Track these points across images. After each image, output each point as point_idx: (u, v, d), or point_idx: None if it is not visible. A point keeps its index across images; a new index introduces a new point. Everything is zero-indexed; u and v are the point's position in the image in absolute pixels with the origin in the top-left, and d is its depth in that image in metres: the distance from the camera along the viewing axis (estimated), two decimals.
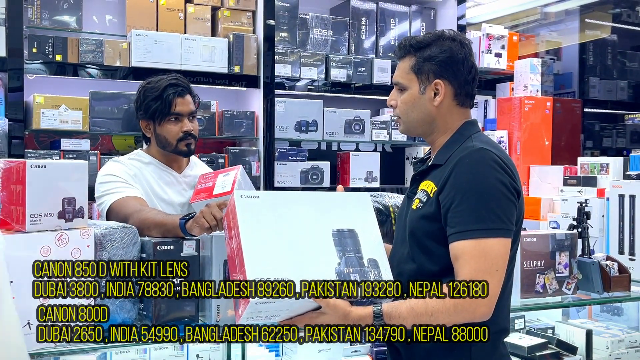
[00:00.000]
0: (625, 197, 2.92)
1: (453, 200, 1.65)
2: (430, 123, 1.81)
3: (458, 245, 1.62)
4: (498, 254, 1.62)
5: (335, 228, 1.66)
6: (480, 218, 1.61)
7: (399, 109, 1.83)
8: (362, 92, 4.12)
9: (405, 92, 1.80)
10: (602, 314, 3.03)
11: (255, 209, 1.62)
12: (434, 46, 1.78)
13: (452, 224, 1.64)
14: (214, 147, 3.88)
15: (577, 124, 4.85)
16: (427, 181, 1.77)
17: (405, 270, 1.75)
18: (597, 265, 2.43)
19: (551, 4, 5.26)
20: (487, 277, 1.59)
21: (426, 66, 1.77)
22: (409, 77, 1.80)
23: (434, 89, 1.78)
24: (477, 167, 1.66)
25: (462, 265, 1.60)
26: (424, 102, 1.79)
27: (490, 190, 1.64)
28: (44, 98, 3.22)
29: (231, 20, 3.73)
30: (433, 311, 1.58)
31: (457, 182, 1.66)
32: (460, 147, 1.74)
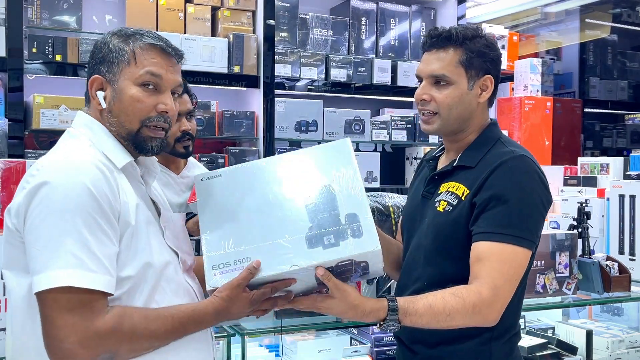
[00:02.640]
0: (626, 197, 2.92)
1: (488, 203, 1.59)
2: (467, 120, 1.72)
3: (484, 246, 1.57)
4: (520, 264, 1.58)
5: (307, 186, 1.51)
6: (512, 224, 1.57)
7: (440, 104, 1.68)
8: (362, 92, 4.12)
9: (449, 86, 1.67)
10: (602, 314, 3.03)
11: (215, 190, 1.54)
12: (480, 40, 1.70)
13: (482, 224, 1.59)
14: (214, 147, 3.88)
15: (578, 124, 4.85)
16: (453, 182, 1.70)
17: (424, 275, 1.69)
18: (597, 266, 2.42)
19: (551, 4, 5.26)
20: (506, 283, 1.55)
21: (477, 61, 1.68)
22: (457, 70, 1.67)
23: (482, 85, 1.70)
24: (518, 175, 1.61)
25: (485, 266, 1.55)
26: (469, 99, 1.70)
27: (527, 201, 1.59)
28: (43, 98, 3.22)
29: (231, 20, 3.73)
30: (451, 311, 1.51)
31: (495, 186, 1.60)
32: (494, 150, 1.68)
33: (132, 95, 1.43)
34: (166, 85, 1.46)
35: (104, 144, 1.45)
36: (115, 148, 1.45)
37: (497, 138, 1.73)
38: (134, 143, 1.46)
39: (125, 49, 1.45)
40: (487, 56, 1.70)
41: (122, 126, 1.45)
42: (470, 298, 1.52)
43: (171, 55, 1.48)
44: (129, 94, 1.43)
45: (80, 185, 1.30)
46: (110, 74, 1.45)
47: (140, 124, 1.45)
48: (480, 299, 1.52)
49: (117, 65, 1.44)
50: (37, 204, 1.29)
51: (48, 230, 1.28)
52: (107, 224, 1.33)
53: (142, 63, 1.44)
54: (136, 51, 1.45)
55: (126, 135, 1.46)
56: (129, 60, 1.44)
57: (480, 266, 1.56)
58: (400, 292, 1.75)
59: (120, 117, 1.45)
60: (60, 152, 1.43)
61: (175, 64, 1.50)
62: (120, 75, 1.44)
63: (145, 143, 1.47)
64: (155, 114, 1.45)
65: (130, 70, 1.44)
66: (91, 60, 1.48)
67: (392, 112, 4.27)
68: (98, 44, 1.49)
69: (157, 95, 1.46)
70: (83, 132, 1.46)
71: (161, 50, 1.47)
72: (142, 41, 1.46)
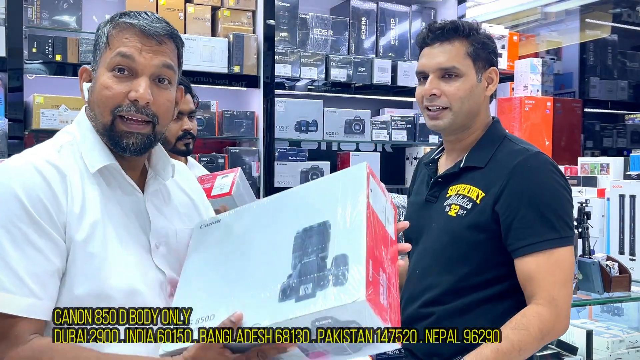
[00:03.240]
0: (626, 197, 2.92)
1: (518, 211, 1.52)
2: (475, 116, 1.66)
3: (530, 261, 1.50)
4: (569, 264, 1.53)
5: (302, 227, 1.20)
6: (551, 227, 1.51)
7: (452, 98, 1.62)
8: (362, 92, 4.12)
9: (459, 79, 1.62)
10: (602, 314, 3.03)
11: (209, 237, 1.34)
12: (481, 33, 1.66)
13: (521, 235, 1.51)
14: (214, 147, 3.88)
15: (578, 124, 4.85)
16: (462, 185, 1.63)
17: (438, 283, 1.61)
18: (597, 266, 2.42)
19: (551, 4, 5.26)
20: (562, 289, 1.49)
21: (482, 53, 1.64)
22: (465, 62, 1.62)
23: (487, 78, 1.67)
24: (540, 174, 1.55)
25: (537, 282, 1.49)
26: (478, 92, 1.65)
27: (557, 198, 1.54)
28: (43, 98, 3.22)
29: (231, 20, 3.73)
30: (521, 345, 1.44)
31: (521, 191, 1.53)
32: (504, 149, 1.63)
33: (102, 82, 1.24)
34: (142, 69, 1.24)
35: (83, 144, 1.27)
36: (92, 149, 1.26)
37: (504, 136, 1.68)
38: (110, 139, 1.26)
39: (104, 32, 1.28)
40: (490, 48, 1.66)
41: (97, 120, 1.27)
42: (534, 325, 1.45)
43: (151, 35, 1.25)
44: (100, 81, 1.25)
45: (7, 191, 1.13)
46: (94, 63, 1.30)
47: (112, 115, 1.24)
48: (542, 320, 1.46)
49: (98, 52, 1.28)
50: None
51: None
52: (40, 237, 1.12)
53: (114, 45, 1.25)
54: (111, 33, 1.26)
55: (102, 130, 1.26)
56: (105, 45, 1.26)
57: (532, 285, 1.50)
58: (410, 302, 1.66)
59: (95, 109, 1.27)
60: (24, 152, 1.27)
61: (158, 44, 1.26)
62: (99, 62, 1.27)
63: (120, 139, 1.25)
64: (127, 102, 1.24)
65: (105, 55, 1.26)
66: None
67: (392, 112, 4.27)
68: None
69: (130, 81, 1.24)
70: (71, 130, 1.31)
71: (139, 30, 1.25)
72: (118, 21, 1.27)
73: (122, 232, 1.24)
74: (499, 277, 1.59)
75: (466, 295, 1.58)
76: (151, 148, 1.31)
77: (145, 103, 1.24)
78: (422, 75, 1.67)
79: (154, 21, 1.27)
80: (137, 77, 1.24)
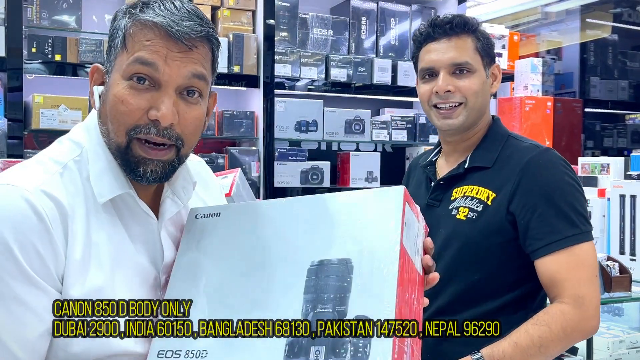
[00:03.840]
0: (626, 197, 2.91)
1: (535, 209, 1.46)
2: (483, 113, 1.62)
3: (551, 261, 1.44)
4: (592, 257, 1.47)
5: (319, 258, 1.00)
6: (570, 223, 1.46)
7: (468, 93, 1.57)
8: (362, 92, 4.11)
9: (471, 75, 1.57)
10: (602, 315, 3.02)
11: (206, 232, 1.12)
12: (482, 29, 1.63)
13: (539, 235, 1.45)
14: (214, 147, 3.87)
15: (578, 124, 4.84)
16: (469, 186, 1.57)
17: (448, 291, 1.53)
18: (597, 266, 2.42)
19: (552, 4, 5.26)
20: (588, 285, 1.43)
21: (487, 49, 1.61)
22: (476, 58, 1.58)
23: (492, 74, 1.64)
24: (552, 170, 1.51)
25: (560, 283, 1.43)
26: (487, 87, 1.62)
27: (572, 192, 1.50)
28: (43, 98, 3.22)
29: (231, 20, 3.73)
30: (542, 342, 1.38)
31: (535, 188, 1.48)
32: (510, 147, 1.58)
33: (116, 93, 1.00)
34: (166, 81, 1.00)
35: (93, 165, 1.03)
36: (103, 174, 1.03)
37: (507, 134, 1.64)
38: (124, 164, 1.03)
39: (121, 27, 1.02)
40: (492, 44, 1.63)
41: (109, 137, 1.03)
42: (556, 323, 1.39)
43: (177, 38, 0.99)
44: (114, 91, 1.01)
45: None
46: (108, 62, 1.05)
47: (128, 136, 1.01)
48: (566, 319, 1.40)
49: (113, 51, 1.04)
50: None
51: None
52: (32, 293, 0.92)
53: (133, 47, 1.00)
54: (129, 31, 1.01)
55: (116, 151, 1.03)
56: (122, 44, 1.01)
57: (556, 286, 1.44)
58: None
59: (108, 125, 1.03)
60: (13, 169, 1.02)
61: (185, 49, 1.00)
62: (114, 64, 1.03)
63: (136, 166, 1.02)
64: (146, 121, 1.00)
65: (122, 57, 1.01)
66: None
67: (392, 112, 4.27)
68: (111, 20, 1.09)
69: (151, 93, 1.00)
70: (79, 140, 1.07)
71: (165, 30, 0.99)
72: (140, 17, 1.00)
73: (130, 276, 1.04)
74: (512, 284, 1.53)
75: (477, 305, 1.52)
76: (173, 174, 1.08)
77: (168, 124, 1.01)
78: (429, 72, 1.61)
79: (184, 17, 1.00)
80: (160, 89, 1.00)
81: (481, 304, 1.52)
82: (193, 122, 1.04)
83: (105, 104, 1.03)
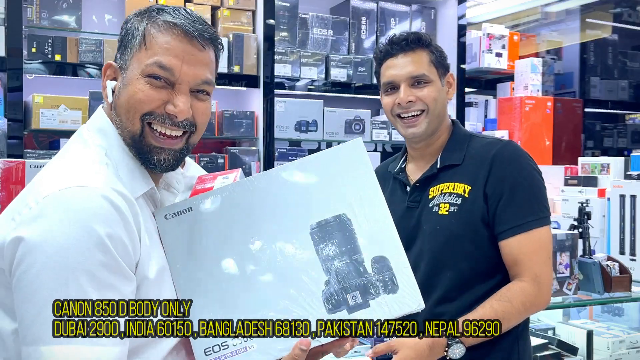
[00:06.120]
0: (626, 197, 2.91)
1: (501, 196, 1.64)
2: (443, 119, 1.79)
3: (513, 242, 1.62)
4: (549, 242, 1.67)
5: (315, 220, 1.10)
6: (532, 209, 1.64)
7: (428, 100, 1.73)
8: (362, 92, 4.11)
9: (429, 85, 1.74)
10: (603, 315, 3.02)
11: (186, 232, 1.15)
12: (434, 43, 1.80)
13: (504, 219, 1.63)
14: (214, 147, 3.87)
15: (578, 123, 4.84)
16: (445, 184, 1.71)
17: (440, 282, 1.68)
18: (597, 266, 2.42)
19: (552, 4, 5.26)
20: (544, 266, 1.63)
21: (441, 60, 1.78)
22: (431, 69, 1.75)
23: (447, 82, 1.80)
24: (518, 160, 1.68)
25: (521, 262, 1.62)
26: (444, 96, 1.79)
27: (534, 182, 1.67)
28: (43, 98, 3.22)
29: (231, 19, 3.73)
30: (504, 315, 1.57)
31: (502, 177, 1.65)
32: (475, 144, 1.74)
33: (134, 86, 1.13)
34: (183, 80, 1.13)
35: (119, 163, 1.14)
36: (132, 171, 1.14)
37: (470, 134, 1.81)
38: (138, 152, 1.15)
39: (139, 29, 1.14)
40: (445, 56, 1.80)
41: (124, 127, 1.14)
42: (517, 299, 1.59)
43: (195, 38, 1.13)
44: (132, 86, 1.13)
45: (92, 235, 1.00)
46: (122, 60, 1.16)
47: (141, 122, 1.13)
48: (525, 294, 1.59)
49: (129, 49, 1.15)
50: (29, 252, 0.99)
51: (42, 293, 0.98)
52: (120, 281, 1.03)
53: (152, 48, 1.12)
54: (148, 31, 1.13)
55: (130, 140, 1.15)
56: (140, 43, 1.13)
57: (517, 264, 1.63)
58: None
59: (122, 115, 1.14)
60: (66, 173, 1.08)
61: (201, 50, 1.14)
62: (130, 62, 1.14)
63: (149, 154, 1.14)
64: (162, 112, 1.13)
65: (140, 55, 1.13)
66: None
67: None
68: (122, 24, 1.20)
69: (167, 90, 1.14)
70: (96, 141, 1.15)
71: (182, 31, 1.12)
72: (158, 18, 1.14)
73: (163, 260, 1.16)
74: (499, 266, 1.68)
75: (470, 289, 1.67)
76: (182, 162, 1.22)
77: (184, 119, 1.15)
78: (391, 86, 1.77)
79: (196, 21, 1.16)
80: (175, 88, 1.14)
81: (474, 288, 1.66)
82: (205, 113, 1.19)
83: (121, 97, 1.14)
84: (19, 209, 1.06)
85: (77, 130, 1.20)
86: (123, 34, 1.17)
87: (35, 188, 1.08)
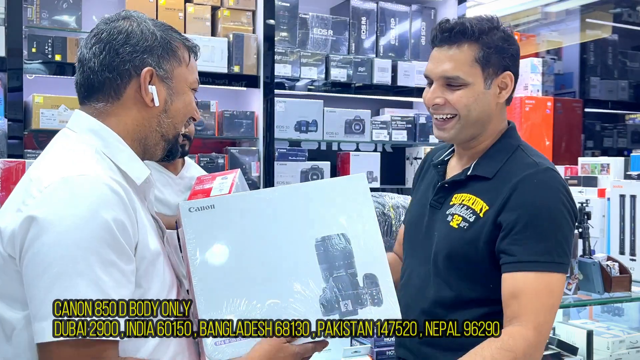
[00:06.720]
0: (626, 197, 2.91)
1: (515, 224, 1.45)
2: (486, 123, 1.57)
3: (518, 278, 1.43)
4: (559, 292, 1.46)
5: (320, 235, 1.29)
6: (548, 249, 1.43)
7: (458, 105, 1.53)
8: (362, 92, 4.11)
9: (463, 88, 1.52)
10: (602, 315, 3.02)
11: (208, 224, 1.29)
12: (497, 33, 1.55)
13: (513, 251, 1.44)
14: (214, 147, 3.88)
15: (578, 124, 4.85)
16: (467, 195, 1.56)
17: (436, 295, 1.56)
18: (597, 266, 2.42)
19: (552, 4, 5.26)
20: (547, 316, 1.43)
21: (495, 57, 1.53)
22: (472, 70, 1.51)
23: (501, 83, 1.55)
24: (546, 191, 1.47)
25: (523, 303, 1.42)
26: (487, 99, 1.54)
27: (559, 220, 1.45)
28: (43, 98, 3.22)
29: (231, 20, 3.73)
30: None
31: (522, 204, 1.45)
32: (515, 160, 1.55)
33: (189, 96, 1.35)
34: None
35: (117, 155, 1.25)
36: (131, 159, 1.26)
37: (517, 145, 1.58)
38: (171, 147, 1.35)
39: (176, 46, 1.32)
40: (506, 51, 1.54)
41: (174, 128, 1.33)
42: (520, 348, 1.39)
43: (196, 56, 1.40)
44: (186, 95, 1.34)
45: (94, 217, 1.09)
46: (161, 69, 1.29)
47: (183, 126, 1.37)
48: (528, 344, 1.40)
49: (169, 62, 1.30)
50: (41, 230, 1.07)
51: (54, 269, 1.06)
52: (123, 261, 1.12)
53: (192, 67, 1.35)
54: (184, 52, 1.34)
55: (172, 138, 1.34)
56: (181, 60, 1.32)
57: (517, 303, 1.43)
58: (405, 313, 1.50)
59: (175, 119, 1.32)
60: (64, 163, 1.17)
61: None
62: (174, 73, 1.31)
63: (177, 149, 1.38)
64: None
65: (183, 71, 1.32)
66: (123, 45, 1.30)
67: (392, 112, 4.27)
68: (135, 29, 1.31)
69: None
70: (87, 140, 1.25)
71: (195, 53, 1.38)
72: (185, 42, 1.35)
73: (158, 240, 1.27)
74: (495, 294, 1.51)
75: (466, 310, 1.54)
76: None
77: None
78: (428, 80, 1.60)
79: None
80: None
81: (471, 309, 1.52)
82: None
83: (174, 104, 1.31)
84: (23, 199, 1.13)
85: (59, 132, 1.31)
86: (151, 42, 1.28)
87: (35, 180, 1.14)
